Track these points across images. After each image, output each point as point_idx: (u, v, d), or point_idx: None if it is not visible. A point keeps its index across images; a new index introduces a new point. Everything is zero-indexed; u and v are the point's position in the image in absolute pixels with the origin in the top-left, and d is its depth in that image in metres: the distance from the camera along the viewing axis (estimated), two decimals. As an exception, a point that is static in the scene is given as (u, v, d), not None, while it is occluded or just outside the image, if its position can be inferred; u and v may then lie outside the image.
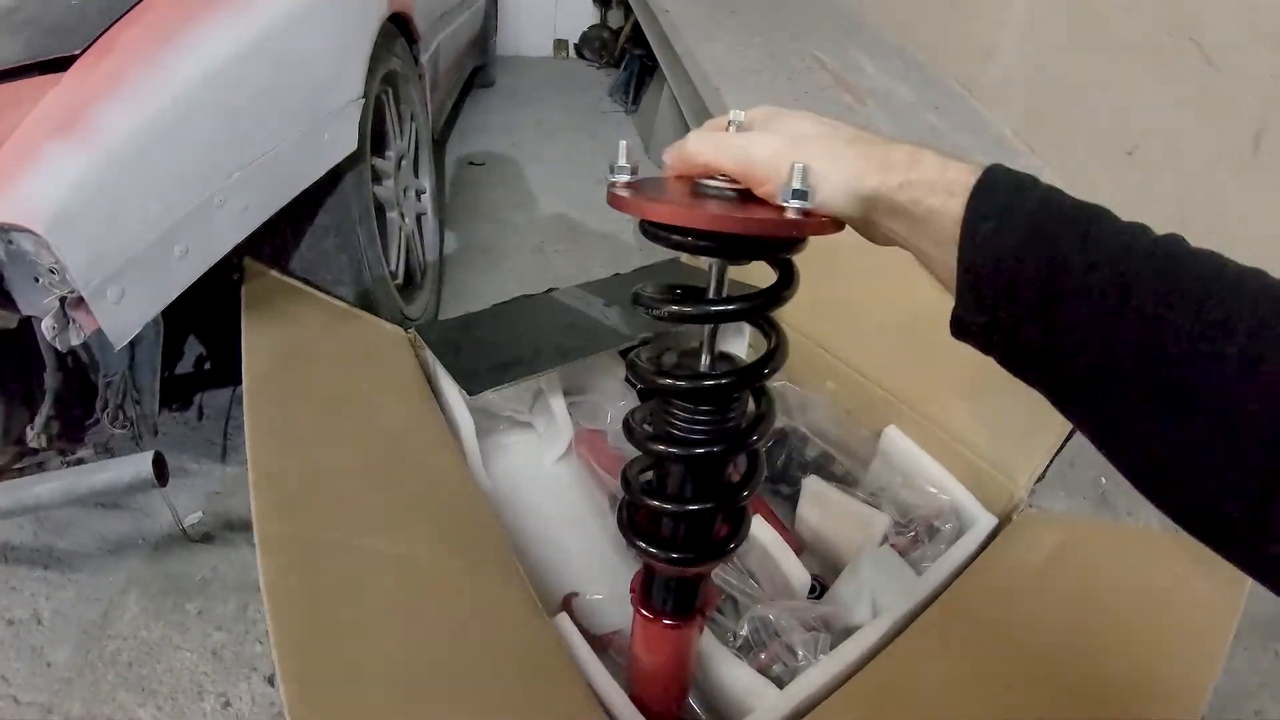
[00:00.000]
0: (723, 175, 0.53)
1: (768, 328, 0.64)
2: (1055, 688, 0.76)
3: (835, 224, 0.51)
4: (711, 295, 0.60)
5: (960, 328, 0.47)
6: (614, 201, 0.54)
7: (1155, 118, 1.76)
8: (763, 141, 0.51)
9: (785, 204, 0.49)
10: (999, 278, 0.43)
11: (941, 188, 0.46)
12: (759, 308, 0.58)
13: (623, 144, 0.56)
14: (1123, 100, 1.86)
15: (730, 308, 0.59)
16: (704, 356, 0.63)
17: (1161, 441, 0.39)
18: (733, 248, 0.54)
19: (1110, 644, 0.80)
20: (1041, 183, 0.45)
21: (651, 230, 0.55)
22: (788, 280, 0.58)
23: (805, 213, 0.49)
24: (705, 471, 0.66)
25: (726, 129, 0.56)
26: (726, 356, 0.64)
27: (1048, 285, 0.42)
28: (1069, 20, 2.04)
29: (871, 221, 0.51)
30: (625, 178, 0.55)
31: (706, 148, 0.53)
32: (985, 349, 0.47)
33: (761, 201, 0.51)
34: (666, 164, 0.56)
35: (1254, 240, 1.51)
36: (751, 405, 0.67)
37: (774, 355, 0.61)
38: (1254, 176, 1.52)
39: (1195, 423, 0.38)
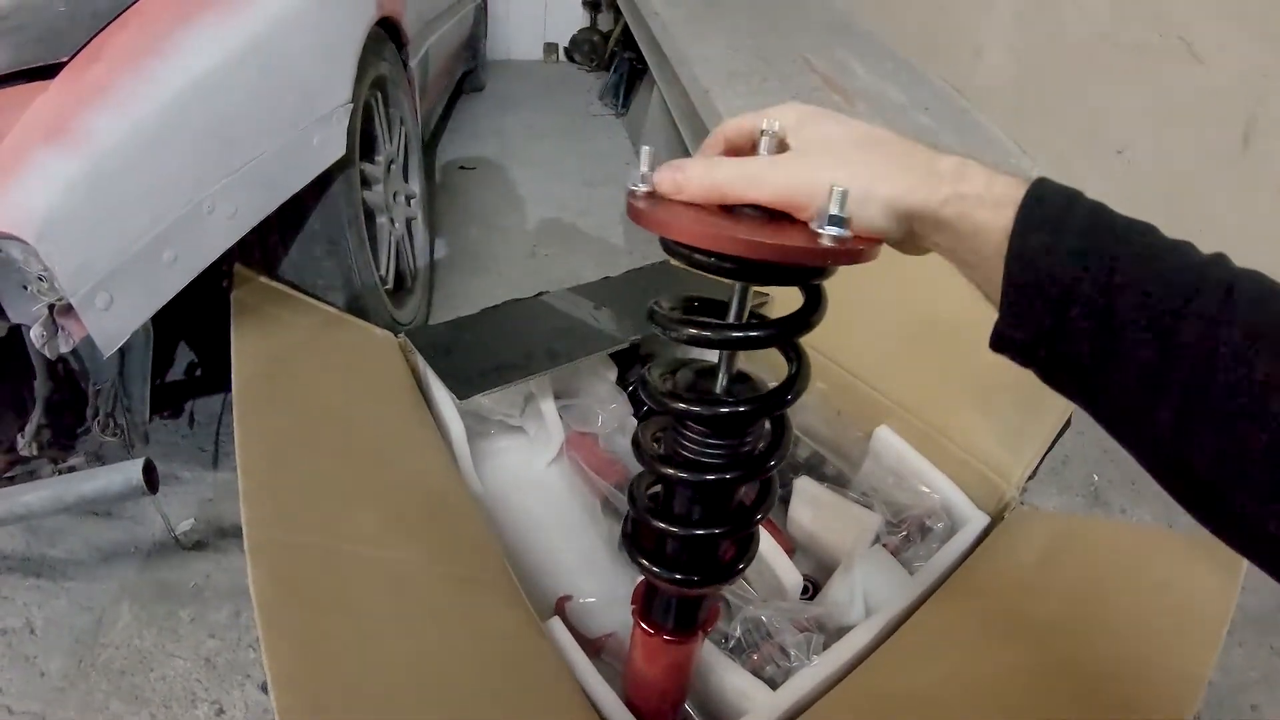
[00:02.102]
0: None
1: (791, 352, 0.61)
2: (1050, 685, 0.76)
3: (872, 250, 0.48)
4: (733, 319, 0.57)
5: (1002, 341, 0.46)
6: (634, 215, 0.50)
7: (1144, 116, 1.77)
8: (802, 166, 0.49)
9: (821, 230, 0.46)
10: (1050, 294, 0.43)
11: (990, 202, 0.45)
12: (784, 334, 0.56)
13: (646, 149, 0.52)
14: (1112, 99, 1.87)
15: (754, 334, 0.56)
16: (721, 378, 0.60)
17: (1212, 463, 0.39)
18: (761, 273, 0.51)
19: (1104, 640, 0.80)
20: (1085, 196, 0.45)
21: (674, 247, 0.51)
22: (815, 305, 0.55)
23: (841, 240, 0.46)
24: (716, 496, 0.64)
25: (759, 138, 0.52)
26: (744, 378, 0.61)
27: (1100, 306, 0.41)
28: (1057, 19, 2.04)
29: (913, 234, 0.49)
30: (647, 187, 0.51)
31: (738, 180, 0.49)
32: (1025, 363, 0.46)
33: (792, 222, 0.48)
34: (680, 187, 0.51)
35: (1243, 238, 1.52)
36: (767, 427, 0.64)
37: (796, 380, 0.59)
38: (1243, 173, 1.53)
39: (1249, 446, 0.38)
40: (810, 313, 0.55)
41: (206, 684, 1.11)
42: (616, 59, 4.00)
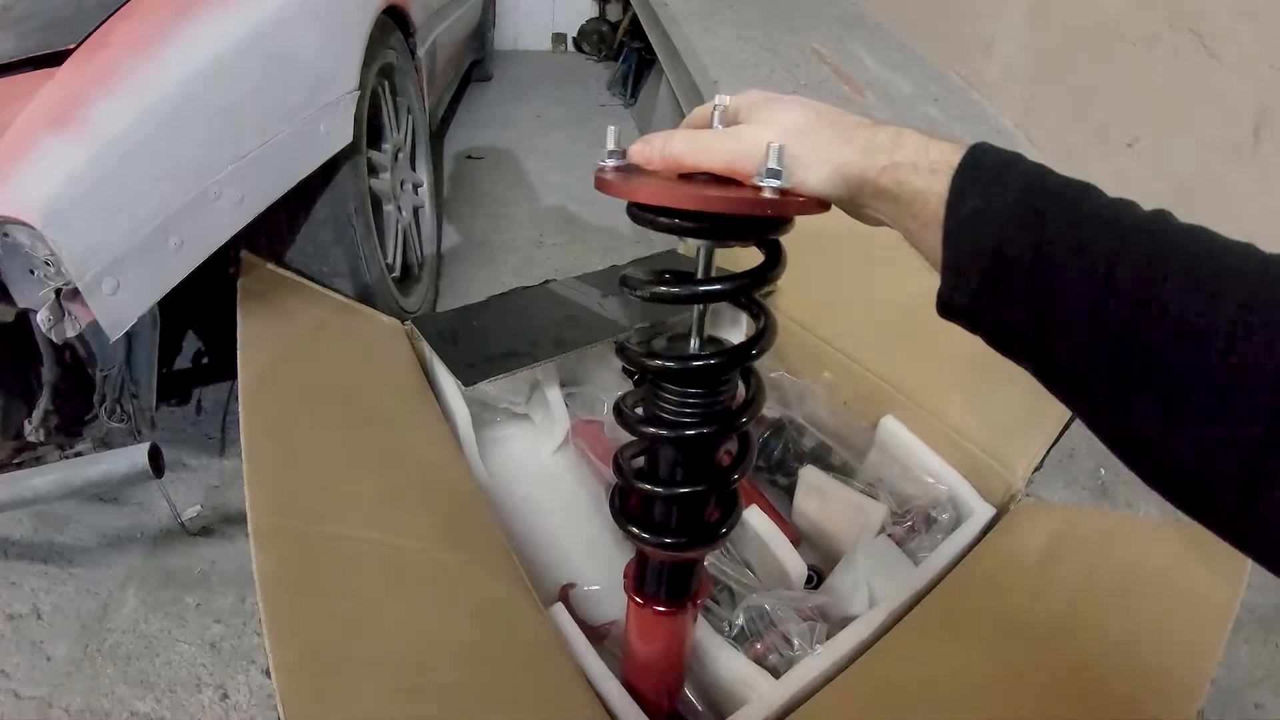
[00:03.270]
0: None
1: (755, 309, 0.64)
2: (1052, 677, 0.76)
3: (818, 204, 0.52)
4: (699, 277, 0.60)
5: (947, 308, 0.47)
6: (600, 185, 0.55)
7: (1155, 109, 1.76)
8: (748, 136, 0.52)
9: (761, 183, 0.49)
10: (984, 257, 0.43)
11: (925, 168, 0.46)
12: (744, 288, 0.59)
13: (611, 129, 0.57)
14: (1123, 92, 1.86)
15: (715, 288, 0.59)
16: (693, 340, 0.63)
17: (1151, 419, 0.39)
18: (717, 229, 0.55)
19: (1108, 634, 0.80)
20: (1026, 160, 0.45)
21: (638, 212, 0.55)
22: (774, 262, 0.59)
23: (782, 191, 0.49)
24: (696, 454, 0.66)
25: (711, 115, 0.56)
26: (715, 340, 0.65)
27: (1034, 264, 0.41)
28: (1068, 11, 2.04)
29: (858, 204, 0.51)
30: (614, 162, 0.56)
31: (692, 150, 0.53)
32: (973, 329, 0.47)
33: (740, 185, 0.52)
34: (648, 159, 0.55)
35: (1253, 230, 1.51)
36: (741, 388, 0.67)
37: (762, 336, 0.62)
38: (1254, 167, 1.52)
39: (1186, 402, 0.37)
40: (769, 268, 0.59)
41: (212, 669, 1.11)
42: (625, 49, 4.00)
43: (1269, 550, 0.38)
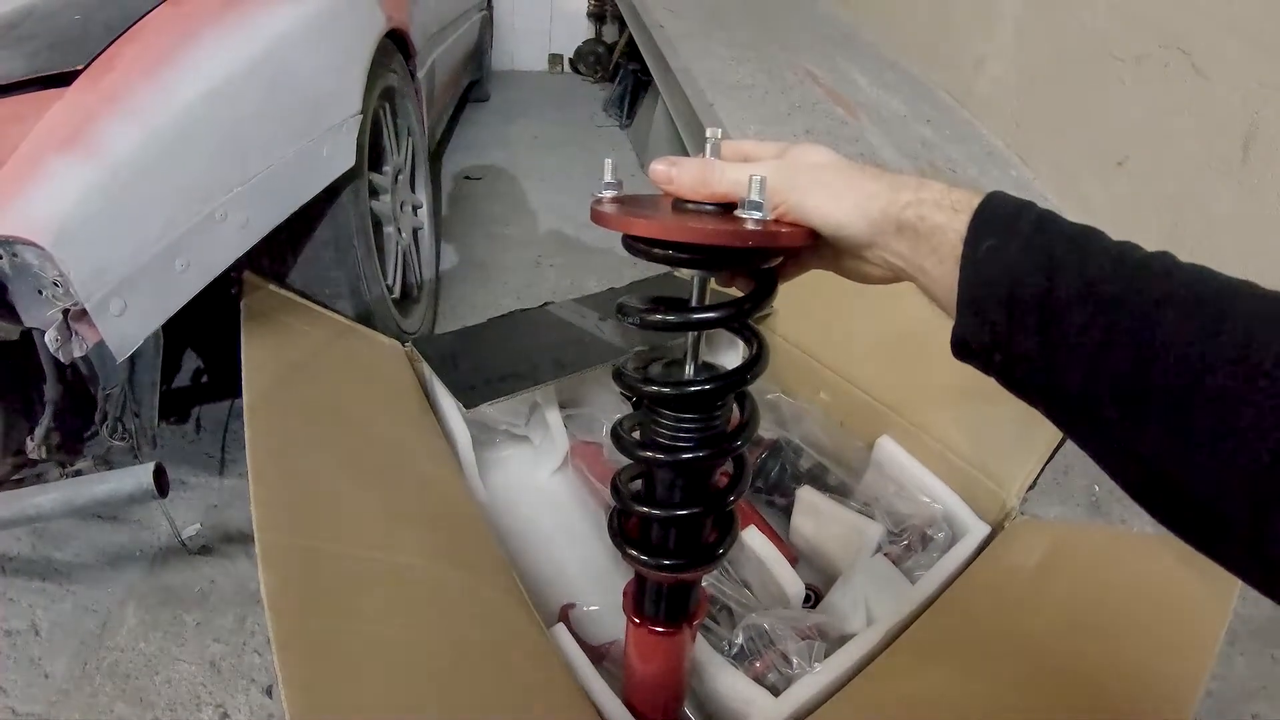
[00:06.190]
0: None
1: (749, 335, 0.65)
2: (1048, 693, 0.77)
3: (805, 234, 0.53)
4: (692, 305, 0.62)
5: (961, 348, 0.48)
6: (596, 217, 0.56)
7: (1145, 127, 1.78)
8: (778, 170, 0.53)
9: (744, 215, 0.51)
10: (998, 293, 0.45)
11: (947, 205, 0.48)
12: (736, 315, 0.60)
13: (608, 161, 0.59)
14: (1113, 110, 1.88)
15: (708, 315, 0.60)
16: (688, 365, 0.64)
17: (1159, 450, 0.40)
18: (709, 260, 0.56)
19: (1102, 648, 0.80)
20: (1039, 207, 0.47)
21: (632, 244, 0.57)
22: (766, 290, 0.60)
23: (762, 223, 0.51)
24: (692, 477, 0.67)
25: (705, 148, 0.57)
26: (710, 365, 0.66)
27: (1045, 299, 0.43)
28: (1058, 32, 2.06)
29: (876, 244, 0.52)
30: (611, 194, 0.58)
31: (691, 179, 0.55)
32: (986, 369, 0.48)
33: (738, 217, 0.53)
34: (669, 178, 0.56)
35: (1244, 247, 1.53)
36: (736, 411, 0.68)
37: (756, 361, 0.63)
38: (1243, 183, 1.54)
39: (1191, 429, 0.38)
40: (761, 296, 0.60)
41: (211, 688, 1.11)
42: (621, 70, 4.02)
43: (1275, 579, 0.39)
